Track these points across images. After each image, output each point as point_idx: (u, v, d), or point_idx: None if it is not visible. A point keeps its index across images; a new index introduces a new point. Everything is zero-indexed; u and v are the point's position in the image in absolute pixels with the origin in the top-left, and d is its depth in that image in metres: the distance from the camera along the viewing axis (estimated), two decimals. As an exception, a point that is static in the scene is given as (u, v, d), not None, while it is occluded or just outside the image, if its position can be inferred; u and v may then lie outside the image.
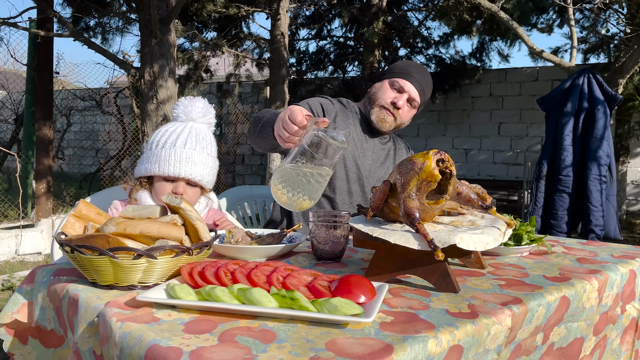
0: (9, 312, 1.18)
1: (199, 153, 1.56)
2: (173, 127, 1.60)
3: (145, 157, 1.57)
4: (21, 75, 7.84)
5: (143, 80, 4.90)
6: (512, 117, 8.72)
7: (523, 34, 5.63)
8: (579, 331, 1.14)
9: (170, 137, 1.55)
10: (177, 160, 1.52)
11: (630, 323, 1.34)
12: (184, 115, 1.62)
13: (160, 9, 4.84)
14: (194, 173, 1.55)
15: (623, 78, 5.28)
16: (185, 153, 1.53)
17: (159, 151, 1.53)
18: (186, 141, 1.55)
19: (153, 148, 1.56)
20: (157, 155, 1.53)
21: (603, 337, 1.24)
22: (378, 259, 1.10)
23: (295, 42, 9.34)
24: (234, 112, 10.25)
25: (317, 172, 1.17)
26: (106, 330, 0.86)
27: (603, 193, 4.67)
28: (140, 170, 1.58)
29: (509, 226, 1.12)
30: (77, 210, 1.16)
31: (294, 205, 1.20)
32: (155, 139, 1.57)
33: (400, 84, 1.90)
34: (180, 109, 1.62)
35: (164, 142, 1.54)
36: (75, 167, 11.65)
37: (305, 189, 1.18)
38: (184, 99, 1.64)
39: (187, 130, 1.58)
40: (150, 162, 1.54)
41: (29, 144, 5.39)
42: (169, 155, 1.52)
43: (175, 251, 1.04)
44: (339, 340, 0.77)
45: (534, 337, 1.02)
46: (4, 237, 4.86)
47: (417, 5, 8.96)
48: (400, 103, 1.90)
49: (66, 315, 1.03)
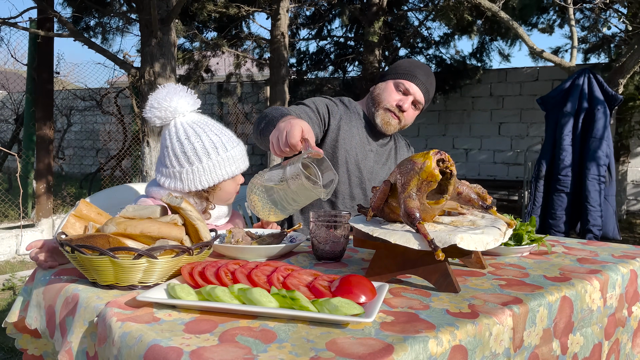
0: (17, 310, 1.19)
1: (238, 141, 1.59)
2: (203, 127, 1.53)
3: (209, 166, 1.50)
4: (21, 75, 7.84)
5: (143, 80, 4.90)
6: (512, 117, 8.72)
7: (523, 34, 5.63)
8: (595, 336, 1.14)
9: (221, 138, 1.53)
10: (243, 155, 1.58)
11: (638, 325, 1.34)
12: (174, 111, 1.52)
13: (160, 9, 4.84)
14: (248, 162, 1.61)
15: (623, 78, 5.28)
16: (240, 146, 1.58)
17: (227, 154, 1.53)
18: (231, 137, 1.57)
19: (216, 155, 1.51)
20: (229, 159, 1.53)
21: (615, 341, 1.24)
22: (378, 259, 1.10)
23: (296, 42, 9.34)
24: (234, 112, 10.25)
25: (292, 198, 1.19)
26: (105, 330, 0.86)
27: (602, 193, 4.67)
28: (212, 179, 1.51)
29: (510, 226, 1.12)
30: (78, 210, 1.16)
31: (262, 215, 1.24)
32: (205, 145, 1.50)
33: (405, 86, 1.87)
34: (171, 105, 1.51)
35: (222, 144, 1.52)
36: (75, 167, 11.65)
37: (278, 205, 1.20)
38: (164, 99, 1.51)
39: (216, 125, 1.57)
40: (222, 167, 1.52)
41: (30, 144, 5.39)
42: (235, 155, 1.55)
43: (175, 251, 1.04)
44: (340, 340, 0.77)
45: (549, 345, 1.01)
46: (4, 237, 4.86)
47: (418, 5, 8.96)
48: (405, 106, 1.87)
49: (58, 314, 1.03)
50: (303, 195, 1.17)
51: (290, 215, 1.23)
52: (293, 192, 1.16)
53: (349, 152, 1.88)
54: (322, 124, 1.85)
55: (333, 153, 1.86)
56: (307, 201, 1.21)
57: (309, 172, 1.18)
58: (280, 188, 1.17)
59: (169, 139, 1.52)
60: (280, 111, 1.55)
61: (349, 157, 1.88)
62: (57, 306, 1.04)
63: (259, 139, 1.63)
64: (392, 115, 1.89)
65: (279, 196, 1.19)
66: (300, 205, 1.21)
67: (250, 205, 1.24)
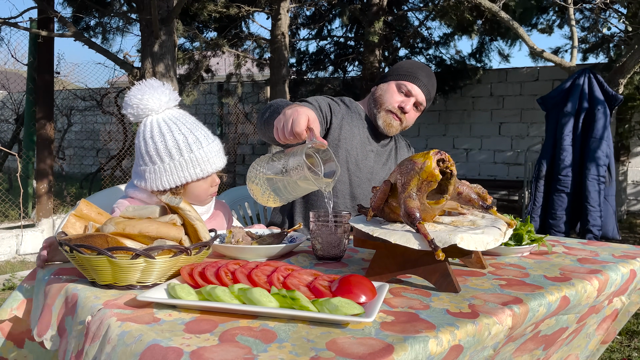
0: (8, 308, 1.18)
1: (213, 138, 1.55)
2: (170, 126, 1.50)
3: (171, 167, 1.48)
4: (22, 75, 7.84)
5: (144, 80, 4.90)
6: (512, 117, 8.72)
7: (524, 34, 5.63)
8: (567, 322, 1.15)
9: (188, 138, 1.49)
10: (213, 156, 1.52)
11: (611, 313, 1.35)
12: (146, 108, 1.50)
13: (160, 9, 4.84)
14: (224, 159, 1.56)
15: (624, 78, 5.28)
16: (211, 146, 1.52)
17: (191, 155, 1.48)
18: (202, 136, 1.52)
19: (179, 156, 1.47)
20: (192, 160, 1.48)
21: (582, 324, 1.25)
22: (378, 259, 1.10)
23: (296, 42, 9.34)
24: (235, 112, 10.25)
25: (292, 188, 1.19)
26: (100, 329, 0.85)
27: (601, 193, 4.67)
28: (174, 180, 1.49)
29: (510, 226, 1.12)
30: (78, 209, 1.16)
31: (261, 201, 1.24)
32: (168, 145, 1.48)
33: (407, 87, 1.87)
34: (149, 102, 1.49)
35: (186, 145, 1.48)
36: (76, 167, 11.66)
37: (278, 193, 1.20)
38: (136, 97, 1.49)
39: (188, 124, 1.52)
40: (184, 169, 1.48)
41: (30, 144, 5.40)
42: (202, 156, 1.49)
43: (173, 251, 1.04)
44: (340, 340, 0.77)
45: (525, 328, 1.02)
46: (4, 237, 4.86)
47: (418, 5, 8.96)
48: (407, 108, 1.88)
49: (56, 314, 1.02)
50: (304, 185, 1.17)
51: (290, 202, 1.24)
52: (294, 182, 1.16)
53: (349, 152, 1.88)
54: (324, 122, 1.85)
55: (334, 152, 1.86)
56: (308, 191, 1.21)
57: (310, 162, 1.18)
58: (281, 178, 1.17)
59: (137, 137, 1.53)
60: (286, 102, 1.54)
61: (350, 156, 1.88)
62: (55, 306, 1.03)
63: (262, 129, 1.59)
64: (394, 117, 1.89)
65: (281, 184, 1.19)
66: (300, 194, 1.21)
67: (249, 191, 1.25)
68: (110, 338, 0.81)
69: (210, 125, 10.83)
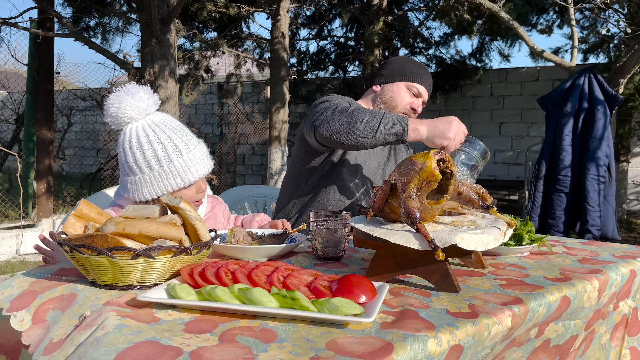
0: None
1: (196, 144, 1.49)
2: (149, 135, 1.44)
3: (150, 178, 1.43)
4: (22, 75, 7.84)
5: (143, 80, 4.90)
6: (512, 117, 8.72)
7: (524, 34, 5.63)
8: (575, 329, 1.14)
9: (167, 147, 1.43)
10: (195, 164, 1.46)
11: (621, 319, 1.35)
12: (124, 116, 1.44)
13: (160, 9, 4.84)
14: (209, 164, 1.51)
15: (624, 78, 5.28)
16: (192, 154, 1.46)
17: (170, 166, 1.43)
18: (183, 143, 1.46)
19: (158, 167, 1.43)
20: (171, 171, 1.43)
21: (591, 332, 1.24)
22: (379, 259, 1.10)
23: (296, 42, 9.34)
24: (235, 112, 10.25)
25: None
26: (95, 320, 0.84)
27: (601, 193, 4.67)
28: (154, 191, 1.44)
29: (510, 226, 1.12)
30: (78, 209, 1.16)
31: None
32: (146, 156, 1.43)
33: (417, 89, 1.92)
34: (128, 110, 1.43)
35: (165, 155, 1.43)
36: (75, 167, 11.67)
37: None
38: (114, 105, 1.43)
39: (168, 131, 1.46)
40: (164, 180, 1.44)
41: (30, 144, 5.40)
42: (182, 165, 1.44)
43: (173, 251, 1.04)
44: (340, 340, 0.77)
45: (528, 331, 1.02)
46: (4, 237, 4.86)
47: (418, 5, 8.96)
48: (419, 109, 1.94)
49: (41, 302, 0.98)
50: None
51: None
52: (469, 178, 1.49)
53: (358, 153, 1.90)
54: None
55: (343, 152, 1.87)
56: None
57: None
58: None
59: (118, 147, 1.48)
60: (356, 103, 1.80)
61: (358, 158, 1.90)
62: (45, 295, 0.99)
63: (344, 119, 1.61)
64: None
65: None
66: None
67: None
68: (105, 326, 0.80)
69: (210, 125, 10.84)
